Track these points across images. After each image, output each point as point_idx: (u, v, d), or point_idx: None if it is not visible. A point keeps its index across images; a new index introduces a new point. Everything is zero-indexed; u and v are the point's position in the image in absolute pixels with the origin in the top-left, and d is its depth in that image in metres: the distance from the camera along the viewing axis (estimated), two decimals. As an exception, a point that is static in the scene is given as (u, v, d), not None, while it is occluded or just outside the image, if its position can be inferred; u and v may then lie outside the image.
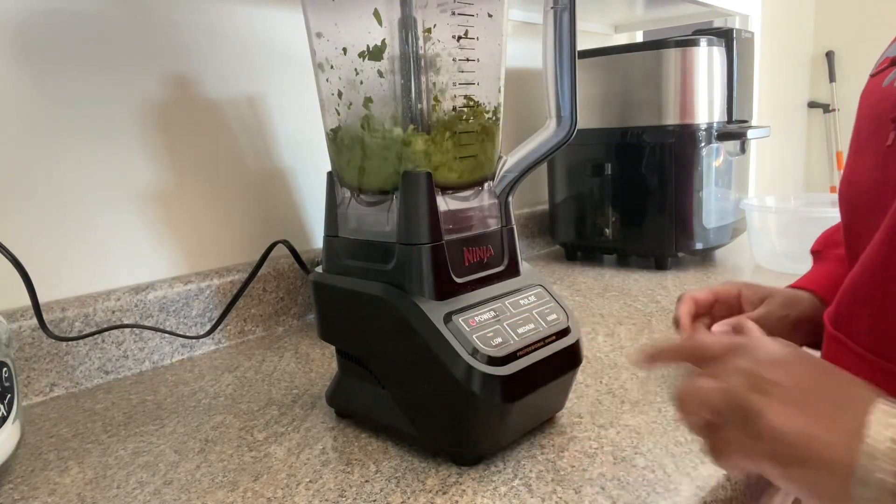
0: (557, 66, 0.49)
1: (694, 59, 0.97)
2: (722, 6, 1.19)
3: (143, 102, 0.72)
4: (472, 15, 0.48)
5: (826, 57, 2.73)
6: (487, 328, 0.46)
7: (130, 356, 0.70)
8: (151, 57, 0.72)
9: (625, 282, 0.98)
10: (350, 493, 0.44)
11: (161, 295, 0.72)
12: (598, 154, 1.06)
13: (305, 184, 0.88)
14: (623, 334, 0.74)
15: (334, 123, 0.51)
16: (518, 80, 1.22)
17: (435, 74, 0.47)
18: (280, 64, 0.84)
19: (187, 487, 0.46)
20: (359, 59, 0.48)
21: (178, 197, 0.76)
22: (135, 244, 0.73)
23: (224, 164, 0.80)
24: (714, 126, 1.00)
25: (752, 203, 1.02)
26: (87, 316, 0.66)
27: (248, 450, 0.51)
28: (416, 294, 0.46)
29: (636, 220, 1.04)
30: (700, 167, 0.99)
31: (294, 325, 0.84)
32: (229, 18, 0.78)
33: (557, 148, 0.50)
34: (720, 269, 1.03)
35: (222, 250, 0.81)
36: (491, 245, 0.51)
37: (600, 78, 1.04)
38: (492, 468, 0.46)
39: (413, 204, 0.46)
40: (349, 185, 0.52)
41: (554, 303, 0.52)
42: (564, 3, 0.48)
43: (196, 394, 0.63)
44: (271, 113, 0.84)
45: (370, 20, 0.46)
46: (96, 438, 0.55)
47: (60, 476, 0.49)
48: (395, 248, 0.47)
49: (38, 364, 0.63)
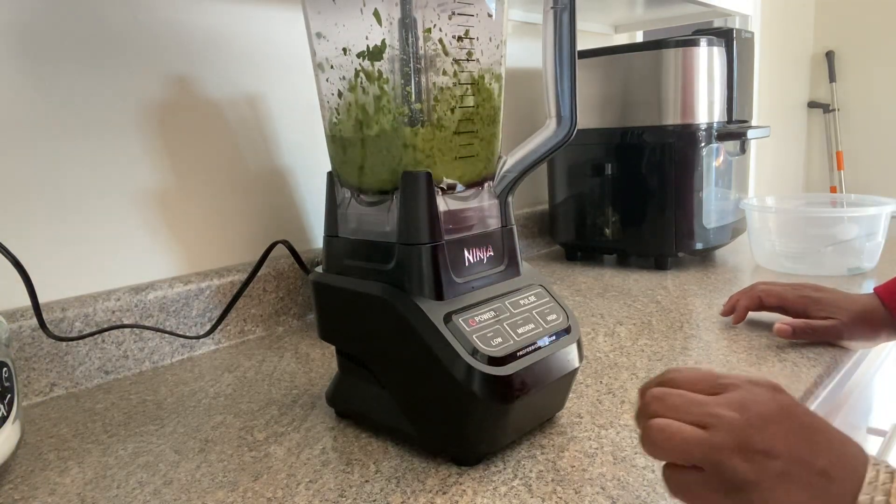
0: (557, 66, 0.49)
1: (694, 59, 0.97)
2: (722, 6, 1.19)
3: (143, 103, 0.72)
4: (472, 15, 0.48)
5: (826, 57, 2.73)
6: (487, 328, 0.46)
7: (130, 356, 0.70)
8: (152, 57, 0.72)
9: (625, 282, 0.98)
10: (350, 493, 0.44)
11: (161, 295, 0.72)
12: (598, 154, 1.06)
13: (305, 184, 0.88)
14: (623, 334, 0.74)
15: (334, 123, 0.51)
16: (518, 80, 1.22)
17: (435, 74, 0.47)
18: (280, 64, 0.84)
19: (187, 487, 0.46)
20: (358, 59, 0.48)
21: (178, 197, 0.76)
22: (135, 244, 0.73)
23: (224, 164, 0.80)
24: (714, 126, 1.00)
25: (752, 203, 1.02)
26: (87, 316, 0.66)
27: (248, 450, 0.51)
28: (416, 294, 0.46)
29: (636, 220, 1.04)
30: (700, 167, 0.99)
31: (294, 325, 0.84)
32: (229, 19, 0.78)
33: (557, 148, 0.50)
34: (720, 269, 1.03)
35: (222, 250, 0.81)
36: (491, 245, 0.51)
37: (600, 78, 1.04)
38: (492, 468, 0.46)
39: (413, 204, 0.46)
40: (349, 185, 0.52)
41: (554, 303, 0.52)
42: (564, 3, 0.48)
43: (196, 394, 0.63)
44: (271, 113, 0.84)
45: (370, 20, 0.46)
46: (96, 438, 0.55)
47: (60, 476, 0.49)
48: (394, 248, 0.47)
49: (38, 364, 0.63)
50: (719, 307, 0.81)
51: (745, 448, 0.31)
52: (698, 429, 0.32)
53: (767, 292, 0.71)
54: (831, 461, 0.30)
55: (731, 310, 0.73)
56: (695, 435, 0.32)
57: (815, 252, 0.94)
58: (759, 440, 0.31)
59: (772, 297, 0.70)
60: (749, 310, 0.72)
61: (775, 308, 0.71)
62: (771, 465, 0.30)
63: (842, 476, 0.30)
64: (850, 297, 0.67)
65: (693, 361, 0.64)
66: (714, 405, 0.33)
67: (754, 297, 0.71)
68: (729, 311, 0.74)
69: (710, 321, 0.76)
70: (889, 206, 0.92)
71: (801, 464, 0.30)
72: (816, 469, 0.30)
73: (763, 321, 0.74)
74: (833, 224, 0.93)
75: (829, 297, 0.67)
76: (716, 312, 0.80)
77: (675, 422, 0.33)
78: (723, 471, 0.31)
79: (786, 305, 0.70)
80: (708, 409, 0.33)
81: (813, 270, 0.95)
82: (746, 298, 0.72)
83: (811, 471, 0.30)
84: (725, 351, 0.66)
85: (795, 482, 0.30)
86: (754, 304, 0.71)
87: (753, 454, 0.31)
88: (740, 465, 0.31)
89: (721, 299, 0.85)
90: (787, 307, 0.69)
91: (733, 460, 0.31)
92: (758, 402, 0.32)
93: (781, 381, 0.58)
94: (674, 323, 0.77)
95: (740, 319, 0.73)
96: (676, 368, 0.38)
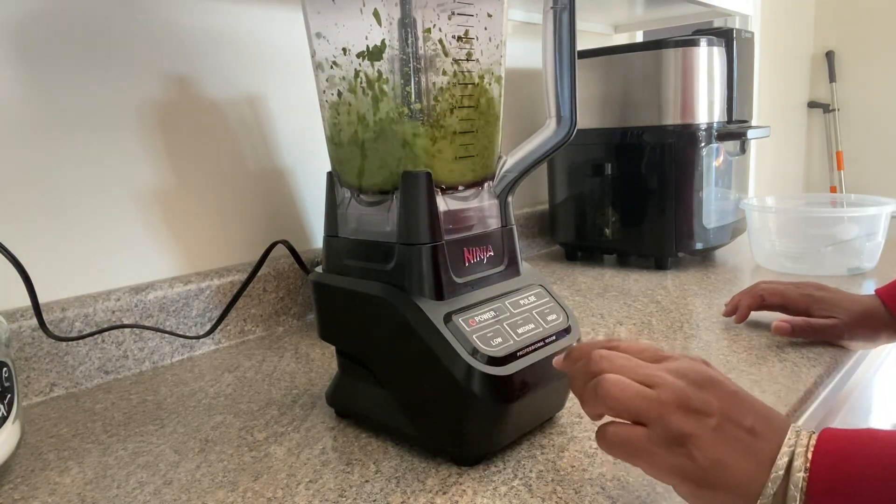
0: (557, 66, 0.49)
1: (694, 59, 0.97)
2: (722, 6, 1.19)
3: (143, 102, 0.72)
4: (472, 15, 0.48)
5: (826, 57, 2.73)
6: (487, 328, 0.46)
7: (130, 356, 0.70)
8: (151, 57, 0.72)
9: (625, 282, 0.98)
10: (350, 493, 0.44)
11: (161, 295, 0.72)
12: (598, 154, 1.06)
13: (305, 184, 0.88)
14: (623, 334, 0.74)
15: (334, 124, 0.51)
16: (518, 80, 1.22)
17: (435, 75, 0.47)
18: (280, 64, 0.84)
19: (187, 487, 0.46)
20: (358, 59, 0.48)
21: (178, 197, 0.76)
22: (135, 244, 0.73)
23: (224, 164, 0.80)
24: (714, 126, 1.00)
25: (752, 203, 1.02)
26: (87, 316, 0.66)
27: (248, 450, 0.51)
28: (416, 294, 0.46)
29: (636, 220, 1.04)
30: (700, 167, 0.99)
31: (294, 325, 0.84)
32: (229, 18, 0.78)
33: (557, 148, 0.50)
34: (720, 269, 1.03)
35: (222, 250, 0.81)
36: (491, 245, 0.51)
37: (600, 78, 1.04)
38: (492, 468, 0.46)
39: (413, 204, 0.46)
40: (349, 185, 0.52)
41: (554, 303, 0.52)
42: (564, 3, 0.48)
43: (196, 394, 0.63)
44: (271, 113, 0.84)
45: (370, 20, 0.46)
46: (96, 438, 0.55)
47: (60, 476, 0.49)
48: (395, 248, 0.47)
49: (38, 364, 0.63)
50: (719, 307, 0.82)
51: (685, 406, 0.35)
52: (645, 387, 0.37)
53: (769, 291, 0.71)
54: (757, 421, 0.35)
55: (734, 310, 0.73)
56: (644, 391, 0.36)
57: (815, 252, 0.94)
58: (697, 400, 0.35)
59: (774, 296, 0.71)
60: (752, 309, 0.72)
61: (777, 307, 0.71)
62: (706, 422, 0.34)
63: (767, 434, 0.34)
64: (853, 298, 0.67)
65: (693, 361, 0.64)
66: (657, 369, 0.38)
67: (756, 297, 0.72)
68: (731, 312, 0.74)
69: (710, 321, 0.76)
70: (889, 206, 0.92)
71: (731, 421, 0.35)
72: (745, 426, 0.34)
73: (763, 321, 0.74)
74: (833, 224, 0.93)
75: (831, 296, 0.68)
76: (716, 312, 0.80)
77: (626, 378, 0.37)
78: (666, 424, 0.35)
79: (788, 304, 0.70)
80: (652, 371, 0.38)
81: (813, 270, 0.95)
82: (749, 298, 0.72)
83: (740, 427, 0.34)
84: (725, 351, 0.66)
85: (727, 436, 0.34)
86: (756, 303, 0.72)
87: (692, 412, 0.35)
88: (681, 420, 0.35)
89: (721, 299, 0.85)
90: (789, 305, 0.70)
91: (675, 415, 0.35)
92: (694, 371, 0.37)
93: (782, 381, 0.58)
94: (674, 323, 0.77)
95: (743, 319, 0.73)
96: (619, 338, 0.43)
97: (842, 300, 0.67)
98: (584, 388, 0.39)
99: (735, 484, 0.33)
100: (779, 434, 0.34)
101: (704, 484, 0.34)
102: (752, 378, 0.59)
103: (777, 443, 0.34)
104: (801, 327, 0.67)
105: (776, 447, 0.34)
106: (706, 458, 0.34)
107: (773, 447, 0.34)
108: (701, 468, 0.34)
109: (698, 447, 0.34)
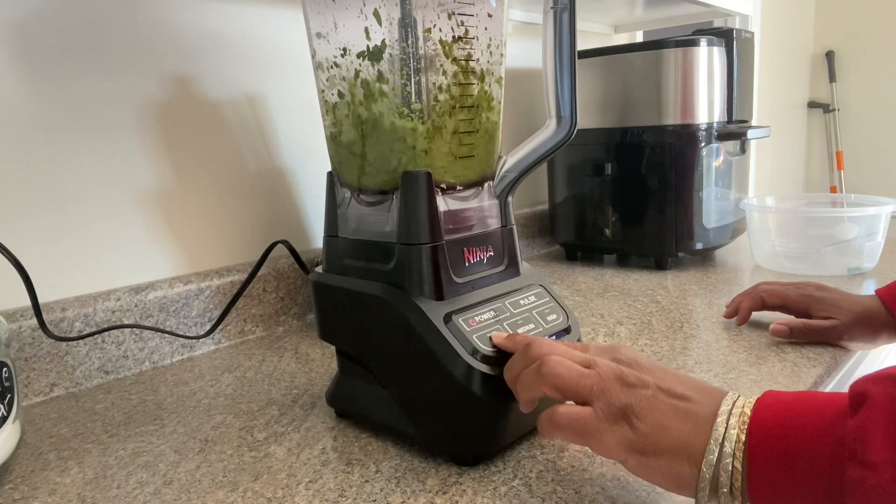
0: (557, 66, 0.49)
1: (694, 59, 0.97)
2: (722, 6, 1.19)
3: (143, 103, 0.72)
4: (472, 15, 0.48)
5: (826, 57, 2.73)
6: (487, 328, 0.46)
7: (130, 356, 0.70)
8: (151, 57, 0.72)
9: (625, 282, 0.98)
10: (350, 493, 0.44)
11: (161, 295, 0.72)
12: (598, 154, 1.06)
13: (305, 184, 0.88)
14: (623, 334, 0.74)
15: (334, 123, 0.52)
16: (518, 80, 1.22)
17: (435, 74, 0.47)
18: (280, 64, 0.84)
19: (187, 487, 0.46)
20: (358, 59, 0.48)
21: (178, 197, 0.76)
22: (135, 244, 0.73)
23: (224, 164, 0.80)
24: (714, 126, 1.00)
25: (752, 203, 1.02)
26: (87, 316, 0.66)
27: (248, 450, 0.51)
28: (416, 294, 0.46)
29: (636, 220, 1.04)
30: (700, 167, 0.99)
31: (294, 325, 0.84)
32: (229, 18, 0.78)
33: (557, 148, 0.50)
34: (720, 269, 1.03)
35: (222, 250, 0.81)
36: (491, 245, 0.51)
37: (600, 78, 1.04)
38: (492, 468, 0.46)
39: (413, 204, 0.46)
40: (349, 185, 0.52)
41: (554, 303, 0.52)
42: (564, 3, 0.48)
43: (196, 394, 0.63)
44: (271, 113, 0.84)
45: (370, 20, 0.46)
46: (96, 438, 0.55)
47: (60, 476, 0.49)
48: (395, 248, 0.48)
49: (38, 364, 0.63)
50: (719, 307, 0.82)
51: (622, 381, 0.38)
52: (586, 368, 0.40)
53: (770, 292, 0.71)
54: (691, 389, 0.38)
55: (735, 312, 0.74)
56: (585, 370, 0.39)
57: (815, 252, 0.94)
58: (632, 376, 0.39)
59: (774, 297, 0.71)
60: (752, 310, 0.72)
61: (778, 307, 0.71)
62: (643, 392, 0.38)
63: (703, 400, 0.37)
64: (853, 298, 0.67)
65: (693, 361, 0.64)
66: (592, 353, 0.42)
67: (757, 298, 0.72)
68: (732, 314, 0.74)
69: (710, 321, 0.76)
70: (889, 206, 0.92)
71: (665, 391, 0.38)
72: (678, 394, 0.37)
73: (763, 321, 0.74)
74: (833, 224, 0.93)
75: (831, 296, 0.68)
76: (716, 312, 0.80)
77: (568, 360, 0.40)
78: (608, 399, 0.38)
79: (788, 304, 0.70)
80: (588, 355, 0.41)
81: (813, 270, 0.95)
82: (749, 299, 0.72)
83: (674, 395, 0.37)
84: (725, 351, 0.66)
85: (664, 403, 0.37)
86: (757, 304, 0.72)
87: (629, 386, 0.38)
88: (621, 392, 0.38)
89: (721, 299, 0.85)
90: (790, 306, 0.70)
91: (616, 389, 0.38)
92: (624, 353, 0.41)
93: (782, 382, 0.58)
94: (674, 323, 0.77)
95: (744, 321, 0.73)
96: None
97: (842, 300, 0.67)
98: (524, 371, 0.41)
99: (677, 445, 0.36)
100: (714, 398, 0.37)
101: (650, 451, 0.36)
102: (751, 378, 0.59)
103: (714, 405, 0.36)
104: (800, 329, 0.67)
105: (713, 409, 0.36)
106: (647, 426, 0.36)
107: (710, 410, 0.36)
108: (644, 435, 0.36)
109: (639, 416, 0.37)
